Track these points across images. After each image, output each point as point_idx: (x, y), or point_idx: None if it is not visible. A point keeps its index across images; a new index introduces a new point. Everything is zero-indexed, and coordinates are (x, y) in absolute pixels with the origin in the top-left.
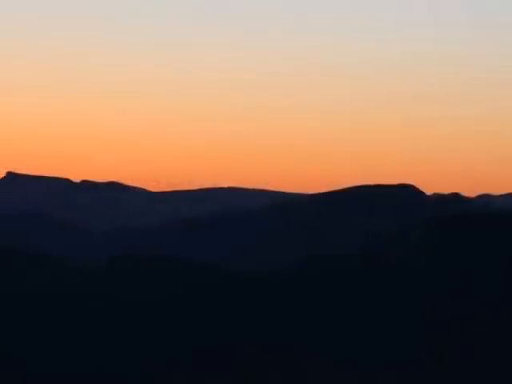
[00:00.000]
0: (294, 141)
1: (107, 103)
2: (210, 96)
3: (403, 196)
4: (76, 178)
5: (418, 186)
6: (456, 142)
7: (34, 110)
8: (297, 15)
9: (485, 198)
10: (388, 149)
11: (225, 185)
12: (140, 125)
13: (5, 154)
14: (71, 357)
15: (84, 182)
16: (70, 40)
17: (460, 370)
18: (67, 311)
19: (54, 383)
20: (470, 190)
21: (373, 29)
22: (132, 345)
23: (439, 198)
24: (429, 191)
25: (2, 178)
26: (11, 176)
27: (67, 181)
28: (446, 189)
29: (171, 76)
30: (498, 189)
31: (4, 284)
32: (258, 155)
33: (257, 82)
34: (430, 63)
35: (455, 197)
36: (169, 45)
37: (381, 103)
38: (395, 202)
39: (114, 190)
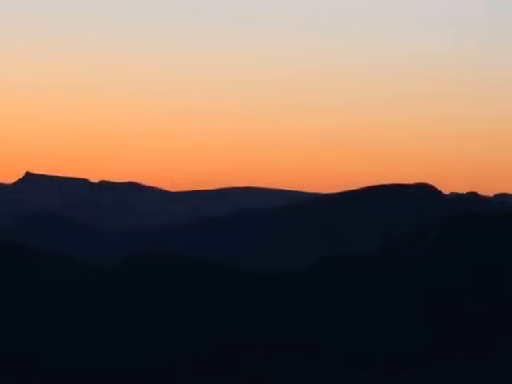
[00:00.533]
0: (309, 141)
1: (126, 104)
2: (227, 96)
3: (421, 195)
4: (94, 178)
5: (435, 186)
6: (473, 142)
7: (53, 111)
8: (307, 15)
9: (502, 198)
10: (405, 148)
11: (240, 185)
12: (158, 125)
13: (24, 155)
14: (84, 356)
15: (102, 182)
16: (85, 40)
17: (477, 369)
18: (81, 310)
19: (63, 383)
20: (487, 190)
21: (389, 29)
22: (146, 344)
23: (457, 198)
24: (446, 190)
25: (21, 179)
26: (30, 176)
27: (85, 181)
28: (463, 188)
29: (186, 76)
30: None
31: (19, 283)
32: (274, 155)
33: (272, 81)
34: (448, 63)
35: (472, 196)
36: (175, 44)
37: (399, 103)
38: (413, 201)
39: (132, 190)
